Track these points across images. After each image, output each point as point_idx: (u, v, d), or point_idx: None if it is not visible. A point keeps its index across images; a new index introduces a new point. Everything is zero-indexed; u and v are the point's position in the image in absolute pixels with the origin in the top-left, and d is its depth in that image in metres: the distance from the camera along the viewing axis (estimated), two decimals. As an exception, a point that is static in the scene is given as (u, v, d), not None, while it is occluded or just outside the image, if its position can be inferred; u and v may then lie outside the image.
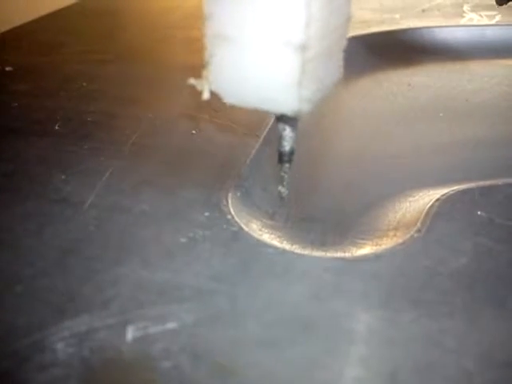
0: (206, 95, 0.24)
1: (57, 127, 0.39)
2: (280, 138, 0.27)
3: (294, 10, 0.21)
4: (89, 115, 0.41)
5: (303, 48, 0.21)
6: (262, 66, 0.22)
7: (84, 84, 0.46)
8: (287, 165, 0.28)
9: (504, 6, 0.50)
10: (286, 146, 0.27)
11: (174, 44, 0.57)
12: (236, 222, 0.29)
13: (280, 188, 0.29)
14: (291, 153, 0.27)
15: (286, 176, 0.28)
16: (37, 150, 0.36)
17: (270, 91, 0.23)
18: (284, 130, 0.26)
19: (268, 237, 0.29)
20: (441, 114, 0.45)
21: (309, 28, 0.21)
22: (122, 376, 0.21)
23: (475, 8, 0.68)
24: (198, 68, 0.25)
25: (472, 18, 0.64)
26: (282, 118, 0.26)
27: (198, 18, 0.23)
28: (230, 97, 0.24)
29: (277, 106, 0.23)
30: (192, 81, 0.25)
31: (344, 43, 0.25)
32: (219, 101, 0.25)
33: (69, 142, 0.37)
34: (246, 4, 0.22)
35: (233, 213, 0.30)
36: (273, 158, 0.28)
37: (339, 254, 0.28)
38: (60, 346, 0.22)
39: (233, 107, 0.25)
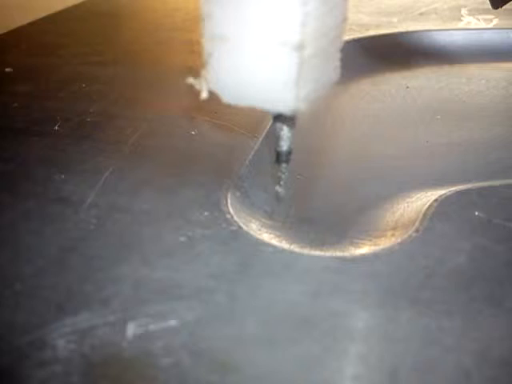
0: (204, 94, 0.24)
1: (56, 127, 0.39)
2: (277, 137, 0.27)
3: (291, 10, 0.21)
4: (88, 116, 0.41)
5: (300, 47, 0.21)
6: (260, 66, 0.22)
7: (83, 85, 0.46)
8: (285, 165, 0.28)
9: (500, 9, 0.50)
10: (284, 145, 0.27)
11: (175, 46, 0.57)
12: (235, 221, 0.29)
13: (277, 188, 0.29)
14: (289, 153, 0.27)
15: (283, 176, 0.28)
16: (36, 150, 0.36)
17: (268, 90, 0.23)
18: (281, 129, 0.27)
19: (267, 236, 0.29)
20: (438, 117, 0.45)
21: (305, 27, 0.21)
22: (122, 373, 0.21)
23: (472, 12, 0.68)
24: (197, 69, 0.25)
25: (469, 21, 0.65)
26: (279, 118, 0.26)
27: (198, 21, 0.24)
28: (228, 96, 0.24)
29: (274, 105, 0.24)
30: (190, 80, 0.25)
31: (340, 43, 0.25)
32: (219, 102, 0.25)
33: (68, 142, 0.37)
34: (242, 4, 0.22)
35: (232, 212, 0.30)
36: (272, 158, 0.29)
37: (338, 254, 0.28)
38: (60, 342, 0.22)
39: (232, 108, 0.25)
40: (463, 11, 0.69)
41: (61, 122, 0.40)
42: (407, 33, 0.61)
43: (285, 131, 0.27)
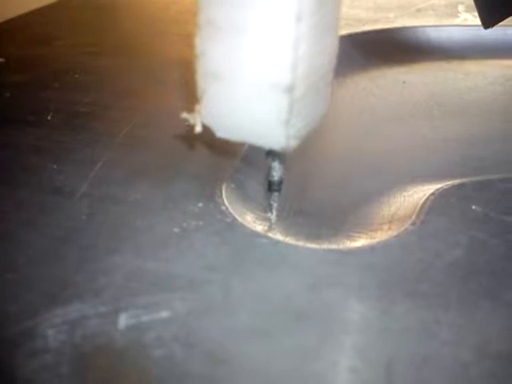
0: (198, 129, 0.25)
1: (50, 118, 0.39)
2: (269, 168, 0.28)
3: (282, 52, 0.21)
4: (82, 106, 0.41)
5: (290, 89, 0.22)
6: (251, 105, 0.23)
7: (77, 76, 0.46)
8: (276, 193, 0.28)
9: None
10: (275, 176, 0.28)
11: (170, 38, 0.56)
12: (230, 213, 0.29)
13: (269, 215, 0.29)
14: (280, 182, 0.28)
15: (274, 204, 0.29)
16: (29, 140, 0.36)
17: (259, 128, 0.24)
18: (273, 161, 0.27)
19: (262, 228, 0.29)
20: (435, 112, 0.45)
21: (296, 69, 0.22)
22: (113, 363, 0.21)
23: (469, 8, 0.68)
24: (192, 62, 0.24)
25: (466, 18, 0.65)
26: (271, 152, 0.26)
27: (194, 13, 0.23)
28: (221, 131, 0.25)
29: (266, 142, 0.24)
30: (185, 115, 0.25)
31: (331, 77, 0.25)
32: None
33: (62, 133, 0.37)
34: (235, 44, 0.22)
35: (227, 204, 0.29)
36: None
37: (334, 246, 0.28)
38: (51, 332, 0.22)
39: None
40: (460, 8, 0.69)
41: (54, 112, 0.39)
42: (404, 28, 0.61)
43: (276, 163, 0.27)
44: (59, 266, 0.25)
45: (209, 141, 0.36)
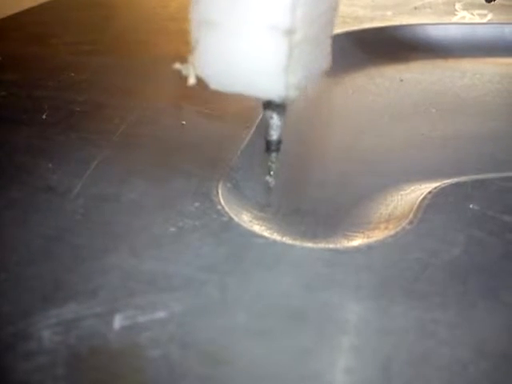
0: (191, 81, 0.24)
1: (44, 116, 0.38)
2: (267, 126, 0.26)
3: None
4: (77, 105, 0.40)
5: (290, 32, 0.21)
6: (249, 52, 0.22)
7: (73, 74, 0.46)
8: (274, 154, 0.27)
9: (493, 2, 0.50)
10: (274, 135, 0.27)
11: (167, 36, 0.56)
12: (226, 212, 0.29)
13: (267, 177, 0.28)
14: (279, 142, 0.27)
15: (273, 165, 0.28)
16: (24, 139, 0.36)
17: (257, 77, 0.22)
18: (271, 118, 0.26)
19: (259, 228, 0.29)
20: (433, 110, 0.45)
21: (295, 12, 0.21)
22: (109, 364, 0.21)
23: (467, 6, 0.68)
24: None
25: (464, 16, 0.64)
26: (269, 105, 0.25)
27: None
28: (216, 83, 0.24)
29: (264, 92, 0.23)
30: (177, 66, 0.24)
31: (331, 30, 0.24)
32: (210, 91, 0.24)
33: (56, 132, 0.36)
34: None
35: (223, 203, 0.29)
36: (264, 148, 0.28)
37: (331, 246, 0.27)
38: (46, 333, 0.22)
39: (224, 98, 0.24)
40: (457, 6, 0.68)
41: (49, 111, 0.39)
42: (401, 26, 0.60)
43: (275, 120, 0.26)
44: (53, 266, 0.25)
45: (205, 139, 0.36)
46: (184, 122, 0.38)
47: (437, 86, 0.50)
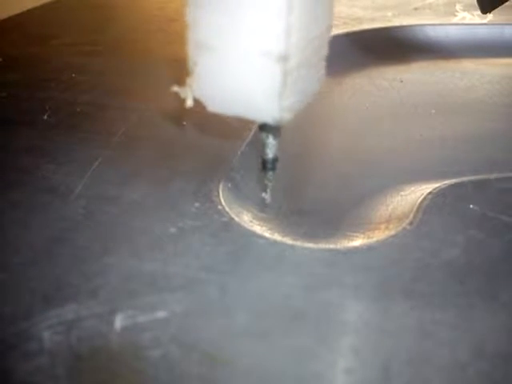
0: (189, 103, 0.24)
1: (45, 117, 0.39)
2: (263, 145, 0.27)
3: (274, 20, 0.21)
4: (78, 106, 0.40)
5: (283, 58, 0.21)
6: (244, 76, 0.22)
7: (73, 75, 0.46)
8: (271, 172, 0.28)
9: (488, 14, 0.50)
10: (269, 153, 0.27)
11: (167, 36, 0.56)
12: (227, 212, 0.29)
13: (264, 195, 0.29)
14: (274, 160, 0.27)
15: (269, 184, 0.28)
16: (25, 140, 0.36)
17: (252, 100, 0.23)
18: (267, 137, 0.26)
19: (259, 228, 0.29)
20: (433, 111, 0.45)
21: (289, 38, 0.21)
22: (109, 364, 0.21)
23: (467, 7, 0.68)
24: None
25: (464, 16, 0.64)
26: (264, 127, 0.26)
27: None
28: (213, 105, 0.24)
29: (259, 115, 0.24)
30: (175, 88, 0.25)
31: (325, 52, 0.25)
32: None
33: (57, 132, 0.37)
34: (227, 13, 0.22)
35: (223, 203, 0.29)
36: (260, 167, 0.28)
37: (331, 246, 0.27)
38: (47, 334, 0.22)
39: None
40: (458, 6, 0.68)
41: (50, 111, 0.39)
42: (401, 27, 0.60)
43: (270, 139, 0.26)
44: (54, 267, 0.25)
45: (205, 140, 0.36)
46: (185, 123, 0.38)
47: (437, 86, 0.50)
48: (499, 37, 0.61)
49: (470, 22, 0.62)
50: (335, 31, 0.55)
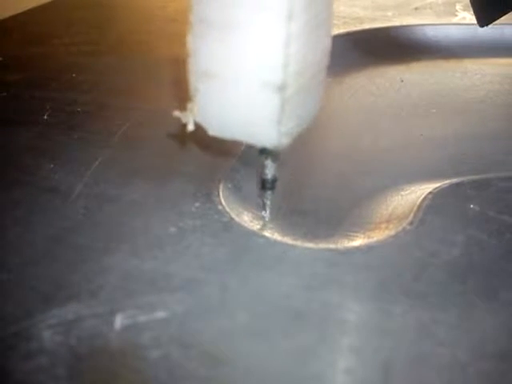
0: (190, 127, 0.25)
1: (46, 117, 0.39)
2: (262, 166, 0.28)
3: (273, 51, 0.21)
4: (78, 106, 0.40)
5: (282, 88, 0.22)
6: (244, 104, 0.23)
7: (74, 75, 0.46)
8: (269, 192, 0.28)
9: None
10: (268, 174, 0.28)
11: (167, 37, 0.56)
12: (227, 212, 0.29)
13: (263, 213, 0.29)
14: (273, 181, 0.28)
15: (268, 203, 0.29)
16: (26, 140, 0.36)
17: (252, 127, 0.24)
18: (266, 159, 0.27)
19: (259, 228, 0.29)
20: (433, 110, 0.45)
21: (287, 69, 0.22)
22: (110, 364, 0.21)
23: (467, 7, 0.67)
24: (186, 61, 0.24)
25: (464, 16, 0.64)
26: (263, 150, 0.26)
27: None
28: (214, 129, 0.25)
29: (258, 140, 0.24)
30: (177, 113, 0.25)
31: (323, 76, 0.25)
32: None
33: (58, 132, 0.37)
34: (227, 42, 0.22)
35: (224, 203, 0.29)
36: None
37: (331, 246, 0.27)
38: (47, 334, 0.22)
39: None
40: (458, 6, 0.68)
41: (50, 111, 0.39)
42: (402, 27, 0.60)
43: (269, 161, 0.27)
44: (54, 266, 0.25)
45: (206, 140, 0.36)
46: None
47: (437, 86, 0.50)
48: (499, 37, 0.60)
49: (470, 22, 0.62)
50: (335, 31, 0.55)
